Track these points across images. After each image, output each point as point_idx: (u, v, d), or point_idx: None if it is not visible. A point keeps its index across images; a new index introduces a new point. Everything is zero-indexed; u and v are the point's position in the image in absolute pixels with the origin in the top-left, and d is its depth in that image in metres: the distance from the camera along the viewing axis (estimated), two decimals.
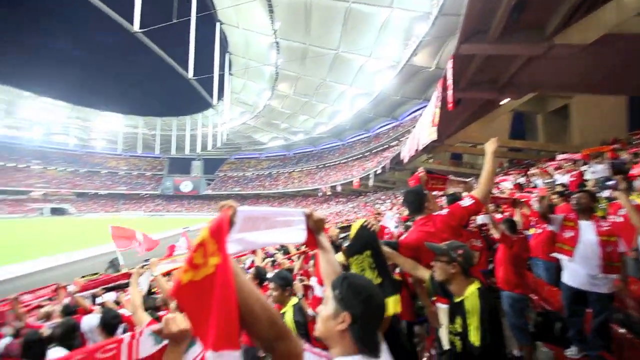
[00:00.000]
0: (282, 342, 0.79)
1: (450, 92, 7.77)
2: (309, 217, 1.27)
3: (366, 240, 1.90)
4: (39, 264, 17.85)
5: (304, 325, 2.45)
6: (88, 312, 4.53)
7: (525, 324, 3.48)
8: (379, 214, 8.93)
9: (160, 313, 3.55)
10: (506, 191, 9.16)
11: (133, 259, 11.78)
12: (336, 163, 58.32)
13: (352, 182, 41.58)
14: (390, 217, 4.28)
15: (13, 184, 59.31)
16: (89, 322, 3.07)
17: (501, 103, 11.52)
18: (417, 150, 13.41)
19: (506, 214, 5.78)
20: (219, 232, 0.73)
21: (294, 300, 2.60)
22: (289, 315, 2.46)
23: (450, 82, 7.63)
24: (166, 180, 77.18)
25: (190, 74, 35.39)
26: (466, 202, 2.33)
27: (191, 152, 74.78)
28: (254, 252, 5.70)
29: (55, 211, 57.56)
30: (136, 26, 27.57)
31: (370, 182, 35.42)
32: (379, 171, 32.49)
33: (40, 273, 16.70)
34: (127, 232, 10.36)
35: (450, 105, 8.11)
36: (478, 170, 2.99)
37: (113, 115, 74.70)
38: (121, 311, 3.01)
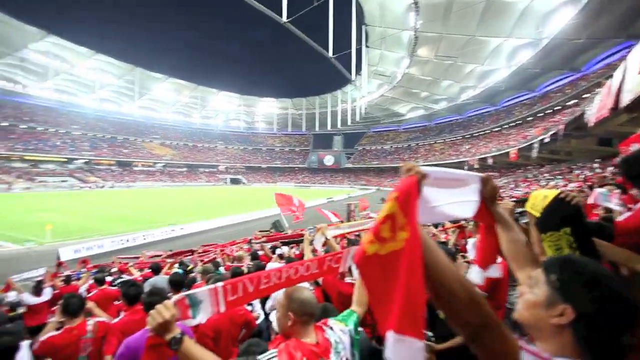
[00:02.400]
0: (489, 331, 0.66)
1: None
2: (485, 182, 0.97)
3: (565, 215, 1.38)
4: (225, 221, 23.26)
5: None
6: (269, 259, 5.61)
7: None
8: (582, 191, 7.09)
9: None
10: None
11: (292, 221, 13.68)
12: (486, 132, 50.69)
13: (507, 153, 35.32)
14: (605, 195, 3.11)
15: (207, 160, 78.79)
16: (272, 266, 3.88)
17: None
18: (615, 108, 9.82)
19: None
20: (408, 203, 0.66)
21: None
22: None
23: None
24: (312, 155, 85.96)
25: (330, 53, 37.05)
26: None
27: (332, 127, 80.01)
28: None
29: (233, 181, 73.54)
30: (284, 17, 30.56)
31: (534, 153, 29.07)
32: (547, 139, 26.15)
33: (227, 227, 21.80)
34: (287, 198, 11.86)
35: None
36: None
37: (269, 100, 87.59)
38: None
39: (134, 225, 20.02)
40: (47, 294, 5.14)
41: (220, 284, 1.18)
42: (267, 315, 3.49)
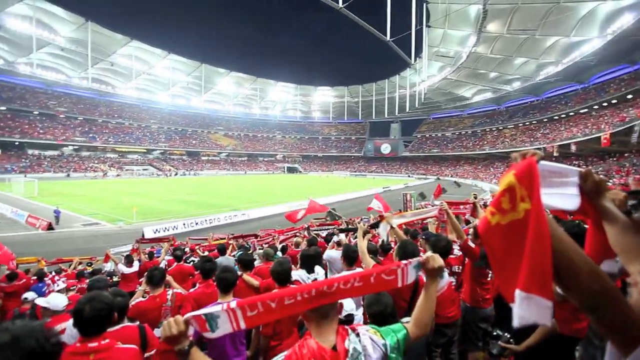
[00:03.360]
0: (610, 299, 0.64)
1: None
2: (585, 178, 0.90)
3: None
4: (283, 208, 23.99)
5: None
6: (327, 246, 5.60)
7: None
8: None
9: (381, 258, 3.80)
10: None
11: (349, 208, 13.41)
12: (570, 114, 44.47)
13: (598, 138, 30.56)
14: None
15: (266, 149, 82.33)
16: (331, 254, 3.90)
17: None
18: None
19: None
20: (529, 178, 0.70)
21: None
22: None
23: None
24: (368, 143, 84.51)
25: (388, 36, 35.45)
26: None
27: (389, 115, 77.36)
28: None
29: (290, 169, 75.88)
30: (340, 2, 29.92)
31: (634, 138, 24.70)
32: None
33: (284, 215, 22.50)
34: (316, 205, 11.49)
35: None
36: None
37: (325, 89, 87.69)
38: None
39: (201, 210, 21.80)
40: (135, 265, 5.88)
41: (234, 303, 1.16)
42: None
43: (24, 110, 51.35)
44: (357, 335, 1.23)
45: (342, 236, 5.27)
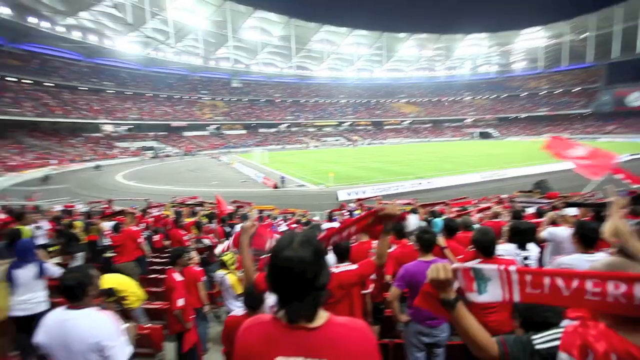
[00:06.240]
0: None
1: None
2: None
3: None
4: (473, 178, 21.07)
5: None
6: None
7: None
8: None
9: None
10: None
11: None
12: None
13: None
14: None
15: (452, 114, 74.84)
16: (556, 231, 3.30)
17: None
18: None
19: None
20: None
21: None
22: None
23: None
24: (602, 94, 61.37)
25: None
26: None
27: None
28: None
29: (482, 135, 66.01)
30: None
31: None
32: None
33: (476, 185, 19.69)
34: (569, 144, 8.13)
35: None
36: None
37: (532, 31, 69.20)
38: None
39: (387, 177, 22.24)
40: (335, 223, 6.31)
41: (513, 268, 0.97)
42: None
43: (256, 99, 68.18)
44: None
45: (571, 210, 4.57)
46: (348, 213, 7.72)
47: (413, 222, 5.73)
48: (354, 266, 2.29)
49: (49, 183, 23.87)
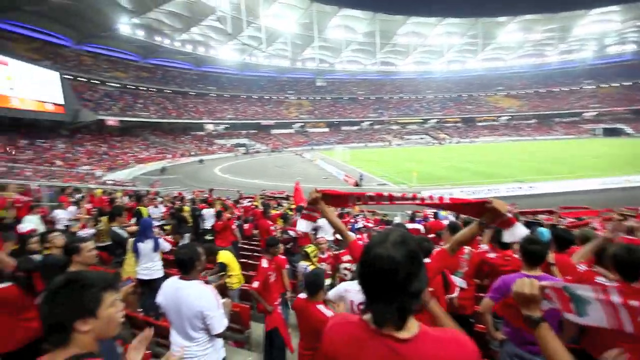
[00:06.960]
0: None
1: None
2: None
3: None
4: (592, 184, 17.55)
5: None
6: None
7: None
8: None
9: None
10: None
11: None
12: None
13: None
14: None
15: (566, 107, 63.37)
16: None
17: None
18: None
19: None
20: None
21: None
22: None
23: None
24: None
25: None
26: None
27: None
28: None
29: (608, 132, 54.23)
30: None
31: None
32: None
33: (595, 192, 16.35)
34: None
35: None
36: None
37: None
38: None
39: (477, 179, 20.14)
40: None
41: (616, 298, 0.82)
42: None
43: (339, 97, 69.17)
44: None
45: None
46: (433, 215, 7.19)
47: (519, 232, 4.83)
48: (427, 260, 2.10)
49: (166, 173, 28.45)
